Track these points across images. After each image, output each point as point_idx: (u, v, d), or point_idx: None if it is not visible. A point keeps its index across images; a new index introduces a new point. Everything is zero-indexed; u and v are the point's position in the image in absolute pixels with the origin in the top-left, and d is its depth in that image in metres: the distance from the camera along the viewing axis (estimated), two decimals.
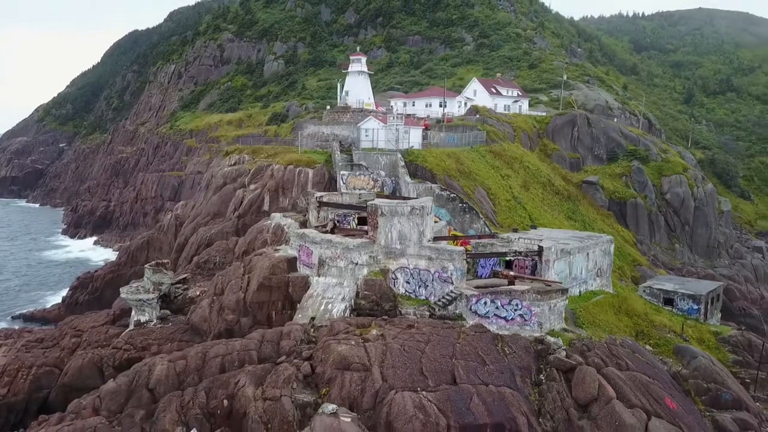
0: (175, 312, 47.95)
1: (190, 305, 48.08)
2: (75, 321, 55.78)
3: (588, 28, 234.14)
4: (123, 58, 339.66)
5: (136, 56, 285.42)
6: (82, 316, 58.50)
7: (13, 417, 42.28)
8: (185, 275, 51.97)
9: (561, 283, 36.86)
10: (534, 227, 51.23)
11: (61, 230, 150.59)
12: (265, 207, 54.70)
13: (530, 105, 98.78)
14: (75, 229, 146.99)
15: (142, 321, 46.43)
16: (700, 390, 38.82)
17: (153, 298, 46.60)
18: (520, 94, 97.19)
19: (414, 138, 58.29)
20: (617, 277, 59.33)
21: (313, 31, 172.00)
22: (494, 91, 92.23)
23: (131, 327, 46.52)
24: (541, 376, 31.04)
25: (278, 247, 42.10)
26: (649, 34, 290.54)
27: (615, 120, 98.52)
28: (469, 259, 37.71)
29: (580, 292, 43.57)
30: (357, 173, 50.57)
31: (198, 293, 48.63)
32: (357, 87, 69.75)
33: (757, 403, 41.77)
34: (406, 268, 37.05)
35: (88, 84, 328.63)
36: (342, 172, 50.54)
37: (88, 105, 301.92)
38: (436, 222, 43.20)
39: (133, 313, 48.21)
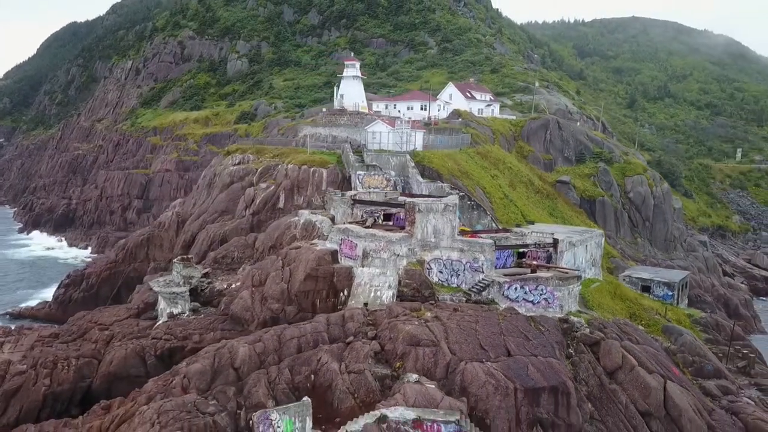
0: (204, 304, 50.54)
1: (218, 297, 50.78)
2: (91, 316, 57.10)
3: (537, 34, 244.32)
4: (63, 51, 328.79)
5: (80, 50, 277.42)
6: (95, 311, 59.56)
7: (59, 406, 43.97)
8: (206, 270, 54.45)
9: (577, 270, 42.09)
10: (531, 223, 56.56)
11: (17, 229, 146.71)
12: (280, 205, 57.75)
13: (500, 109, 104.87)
14: (34, 227, 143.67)
15: (175, 313, 48.83)
16: (687, 362, 45.09)
17: (185, 291, 49.08)
18: (492, 98, 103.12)
19: (417, 140, 62.61)
20: None
21: (277, 31, 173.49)
22: (469, 95, 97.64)
23: (164, 319, 48.77)
24: (570, 350, 36.02)
25: (313, 242, 45.55)
26: (591, 40, 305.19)
27: (578, 123, 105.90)
28: None
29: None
30: (372, 173, 54.44)
31: (225, 286, 51.34)
32: (352, 91, 73.44)
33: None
34: (440, 259, 41.37)
35: (26, 77, 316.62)
36: (359, 173, 54.31)
37: (26, 99, 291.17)
38: None
39: (162, 305, 50.48)
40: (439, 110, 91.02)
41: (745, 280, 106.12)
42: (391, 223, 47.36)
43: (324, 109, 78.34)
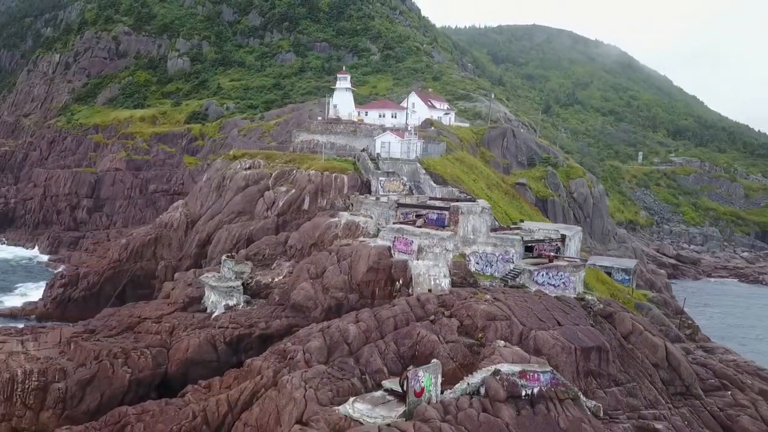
0: (252, 296, 56.46)
1: (265, 290, 56.94)
2: (128, 311, 61.03)
3: (461, 42, 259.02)
4: None
5: None
6: (126, 308, 63.18)
7: (141, 390, 48.76)
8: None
9: (584, 260, 52.64)
10: (521, 221, 66.93)
11: None
12: (305, 207, 64.35)
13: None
14: None
15: (231, 305, 54.59)
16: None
17: (239, 285, 54.95)
18: (449, 107, 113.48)
19: (417, 149, 71.18)
20: None
21: (218, 31, 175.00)
22: (430, 104, 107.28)
23: (220, 310, 54.28)
24: (590, 321, 46.29)
25: (362, 239, 53.15)
26: (502, 47, 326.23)
27: (522, 131, 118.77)
28: None
29: None
30: (391, 179, 62.45)
31: (270, 280, 57.49)
32: (344, 101, 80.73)
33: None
34: (477, 252, 50.45)
35: None
36: (380, 178, 62.10)
37: None
38: None
39: (214, 298, 55.94)
40: (407, 119, 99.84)
41: (656, 267, 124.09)
42: (422, 222, 55.76)
43: (319, 118, 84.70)
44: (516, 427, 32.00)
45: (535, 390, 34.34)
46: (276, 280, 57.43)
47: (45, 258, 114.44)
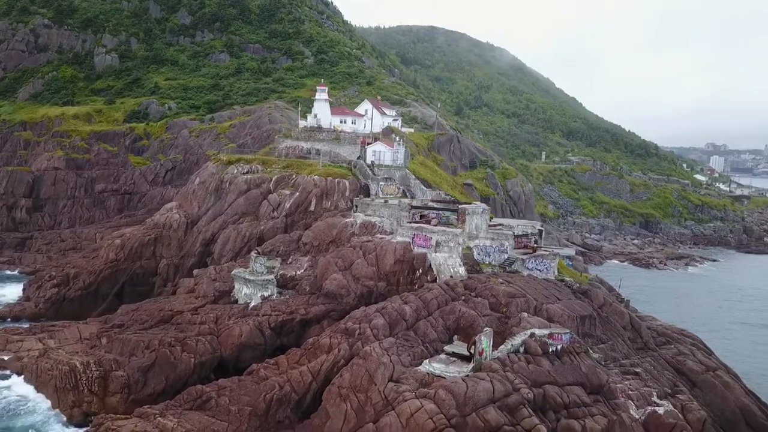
0: (281, 287, 64.32)
1: (291, 282, 64.99)
2: (156, 306, 66.71)
3: (377, 45, 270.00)
4: None
5: None
6: (148, 303, 68.41)
7: (204, 372, 55.56)
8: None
9: (556, 250, 65.79)
10: (492, 218, 79.30)
11: None
12: (311, 208, 72.68)
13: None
14: None
15: (266, 296, 62.29)
16: None
17: (273, 278, 62.75)
18: (396, 113, 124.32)
19: (404, 156, 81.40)
20: None
21: (147, 28, 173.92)
22: (382, 111, 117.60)
23: (257, 301, 61.76)
24: (571, 296, 59.33)
25: (381, 236, 62.97)
26: (409, 49, 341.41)
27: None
28: None
29: None
30: (389, 184, 72.33)
31: (294, 273, 65.56)
32: (324, 112, 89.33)
33: None
34: (479, 245, 61.93)
35: None
36: (380, 183, 71.81)
37: None
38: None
39: (246, 291, 63.28)
40: (364, 126, 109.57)
41: None
42: (437, 221, 66.34)
43: (302, 124, 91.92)
44: (554, 373, 43.82)
45: (559, 347, 46.40)
46: (298, 273, 65.76)
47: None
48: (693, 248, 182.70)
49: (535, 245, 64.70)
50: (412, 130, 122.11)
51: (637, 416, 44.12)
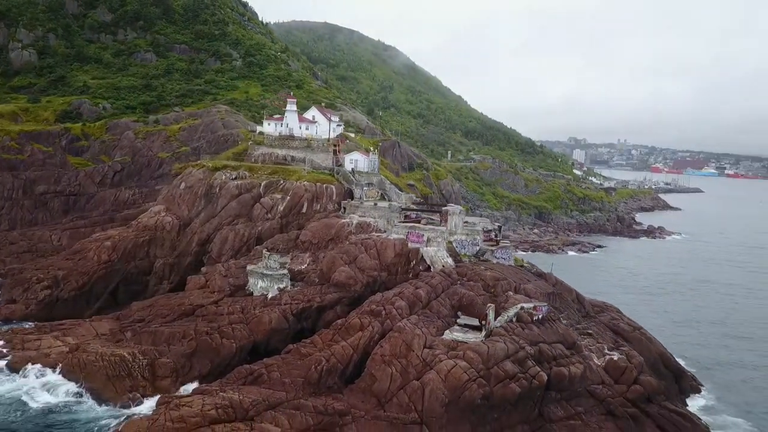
0: (292, 280, 74.16)
1: (299, 275, 75.07)
2: (175, 300, 74.04)
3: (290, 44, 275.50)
4: None
5: None
6: (162, 299, 75.32)
7: (243, 355, 64.56)
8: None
9: (510, 242, 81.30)
10: None
11: None
12: (303, 210, 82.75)
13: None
14: None
15: (281, 287, 72.11)
16: None
17: (287, 272, 72.63)
18: (339, 119, 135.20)
19: (376, 163, 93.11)
20: None
21: (65, 24, 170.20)
22: (329, 117, 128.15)
23: (274, 293, 71.41)
24: (535, 279, 74.97)
25: (377, 234, 74.99)
26: (311, 47, 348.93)
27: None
28: None
29: None
30: (371, 188, 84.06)
31: (301, 267, 75.59)
32: (294, 121, 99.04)
33: None
34: (457, 240, 75.80)
35: None
36: (364, 188, 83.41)
37: None
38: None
39: (261, 284, 72.71)
40: (316, 131, 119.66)
41: None
42: (426, 221, 78.99)
43: (277, 133, 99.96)
44: (543, 335, 58.69)
45: (540, 316, 61.44)
46: (303, 267, 76.09)
47: None
48: (579, 235, 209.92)
49: (497, 238, 79.78)
50: (354, 136, 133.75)
51: (599, 363, 60.15)
